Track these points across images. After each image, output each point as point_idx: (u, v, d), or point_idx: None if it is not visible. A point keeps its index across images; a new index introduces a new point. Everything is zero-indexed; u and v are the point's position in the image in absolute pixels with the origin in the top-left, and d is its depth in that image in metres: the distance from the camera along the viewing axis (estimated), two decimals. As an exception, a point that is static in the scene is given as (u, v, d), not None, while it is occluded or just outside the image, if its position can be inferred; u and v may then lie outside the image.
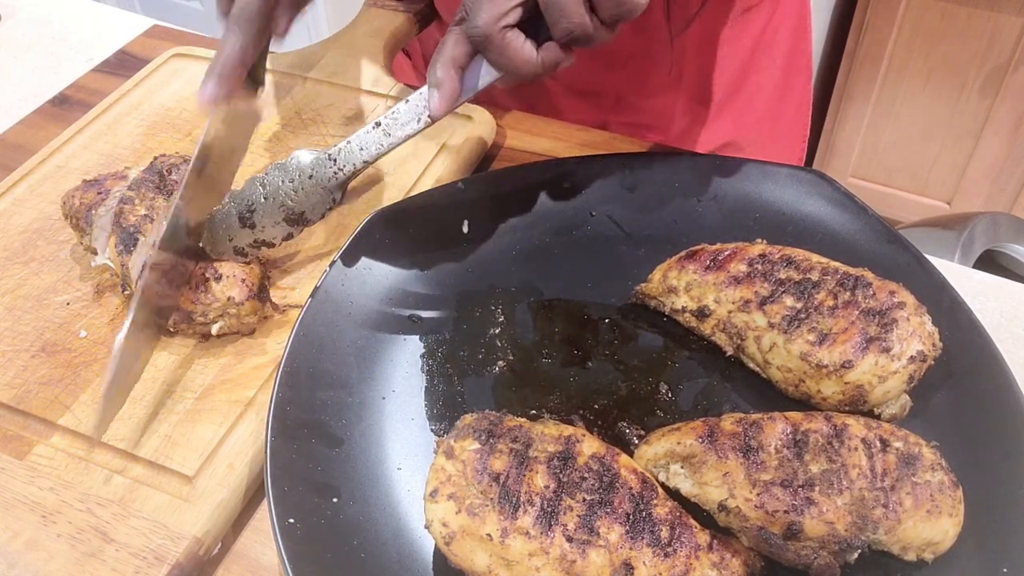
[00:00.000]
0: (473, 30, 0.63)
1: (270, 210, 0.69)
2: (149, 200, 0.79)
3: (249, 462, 0.67)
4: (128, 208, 0.78)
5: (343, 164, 0.69)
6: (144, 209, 0.78)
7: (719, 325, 0.72)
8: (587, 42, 0.62)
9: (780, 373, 0.69)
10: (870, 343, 0.64)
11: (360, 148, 0.69)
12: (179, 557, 0.62)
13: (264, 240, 0.71)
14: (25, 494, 0.66)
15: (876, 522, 0.56)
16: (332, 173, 0.69)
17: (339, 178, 0.69)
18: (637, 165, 0.85)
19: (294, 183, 0.69)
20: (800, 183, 0.82)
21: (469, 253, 0.81)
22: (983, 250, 1.98)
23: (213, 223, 0.70)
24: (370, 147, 0.69)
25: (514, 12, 0.62)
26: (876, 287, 0.67)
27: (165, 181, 0.80)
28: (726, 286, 0.71)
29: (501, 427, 0.60)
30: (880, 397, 0.64)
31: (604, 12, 0.60)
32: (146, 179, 0.81)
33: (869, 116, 2.55)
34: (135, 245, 0.75)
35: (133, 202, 0.78)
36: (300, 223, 0.71)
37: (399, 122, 0.69)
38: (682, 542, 0.56)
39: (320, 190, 0.69)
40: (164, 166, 0.82)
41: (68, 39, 1.20)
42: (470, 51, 0.65)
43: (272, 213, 0.69)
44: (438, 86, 0.66)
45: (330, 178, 0.69)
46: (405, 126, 0.69)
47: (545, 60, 0.63)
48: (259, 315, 0.76)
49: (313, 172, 0.68)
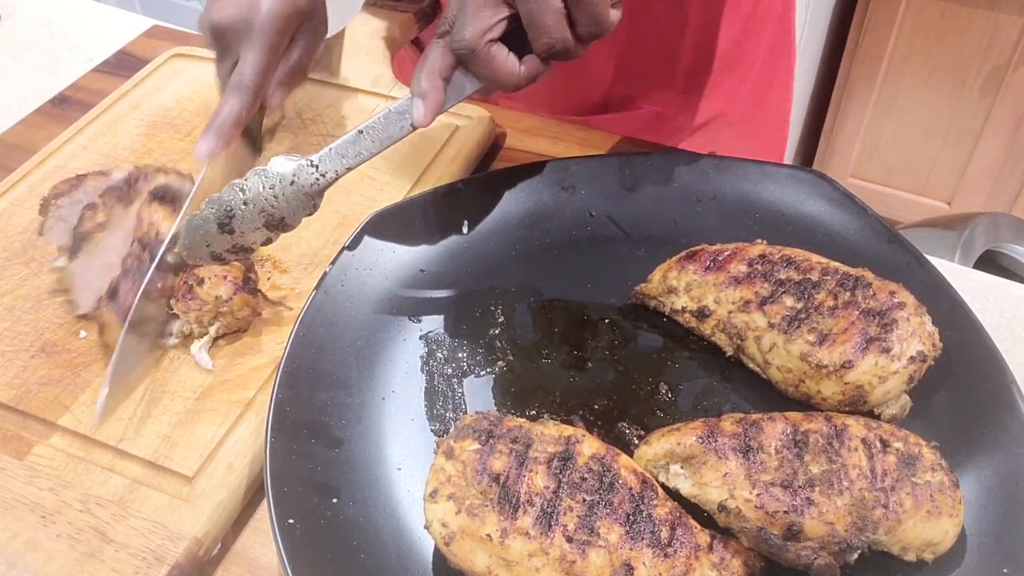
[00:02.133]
0: (458, 43, 0.65)
1: (250, 216, 0.69)
2: (109, 209, 0.79)
3: (249, 462, 0.67)
4: (89, 214, 0.79)
5: (325, 171, 0.69)
6: (103, 216, 0.79)
7: (719, 325, 0.72)
8: (566, 57, 0.65)
9: (780, 373, 0.69)
10: (870, 343, 0.64)
11: (342, 155, 0.70)
12: (179, 557, 0.62)
13: (243, 245, 0.71)
14: (24, 494, 0.66)
15: (876, 522, 0.56)
16: (314, 179, 0.69)
17: (320, 184, 0.70)
18: (637, 165, 0.85)
19: (275, 189, 0.69)
20: (800, 183, 0.82)
21: (469, 253, 0.81)
22: (983, 250, 1.98)
23: (190, 229, 0.70)
24: (352, 154, 0.70)
25: (498, 27, 0.64)
26: (876, 287, 0.67)
27: (131, 190, 0.81)
28: (726, 286, 0.71)
29: (501, 427, 0.60)
30: (880, 397, 0.64)
31: (582, 29, 0.63)
32: (115, 187, 0.81)
33: (869, 116, 2.55)
34: (81, 252, 0.76)
35: (96, 208, 0.79)
36: (280, 228, 0.71)
37: (382, 129, 0.70)
38: (682, 542, 0.56)
39: (302, 196, 0.70)
40: (138, 175, 0.83)
41: (68, 39, 1.20)
42: (454, 63, 0.67)
43: (252, 219, 0.70)
44: (423, 96, 0.68)
45: (312, 184, 0.69)
46: (388, 133, 0.70)
47: (526, 73, 0.66)
48: (252, 308, 0.76)
49: (295, 178, 0.69)
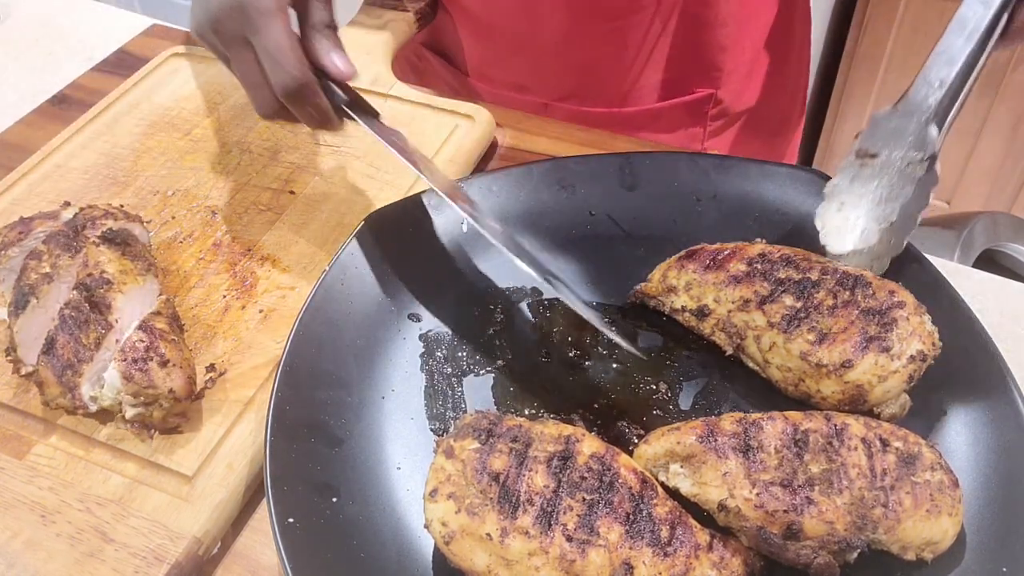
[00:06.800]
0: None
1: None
2: (55, 257, 0.73)
3: (248, 462, 0.67)
4: (33, 264, 0.73)
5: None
6: (48, 267, 0.72)
7: (719, 324, 0.72)
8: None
9: (780, 372, 0.69)
10: (870, 342, 0.64)
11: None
12: (178, 557, 0.62)
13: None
14: (24, 494, 0.66)
15: (876, 522, 0.56)
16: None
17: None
18: (637, 165, 0.85)
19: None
20: (800, 183, 0.82)
21: (469, 253, 0.81)
22: (983, 249, 1.97)
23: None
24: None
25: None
26: (875, 286, 0.67)
27: (78, 237, 0.75)
28: (725, 285, 0.71)
29: (501, 427, 0.60)
30: (880, 396, 0.64)
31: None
32: (61, 232, 0.75)
33: (868, 115, 2.54)
34: (25, 307, 0.70)
35: (40, 257, 0.73)
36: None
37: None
38: (682, 542, 0.56)
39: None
40: (85, 220, 0.77)
41: (67, 38, 1.20)
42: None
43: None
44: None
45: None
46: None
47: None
48: (179, 414, 0.70)
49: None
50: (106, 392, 0.67)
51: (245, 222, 0.87)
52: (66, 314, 0.68)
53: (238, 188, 0.91)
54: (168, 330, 0.70)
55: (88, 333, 0.68)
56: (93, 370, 0.67)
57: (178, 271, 0.83)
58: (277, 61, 0.69)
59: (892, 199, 0.68)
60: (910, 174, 0.68)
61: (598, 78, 1.08)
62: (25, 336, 0.70)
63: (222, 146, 0.96)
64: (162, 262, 0.83)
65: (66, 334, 0.67)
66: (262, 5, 0.68)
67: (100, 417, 0.69)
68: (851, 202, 0.69)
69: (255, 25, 0.68)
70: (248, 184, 0.91)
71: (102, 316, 0.69)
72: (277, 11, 0.69)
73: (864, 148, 0.70)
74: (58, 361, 0.67)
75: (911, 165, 0.68)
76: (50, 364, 0.67)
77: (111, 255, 0.73)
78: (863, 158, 0.69)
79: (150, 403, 0.66)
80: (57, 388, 0.67)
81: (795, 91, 1.22)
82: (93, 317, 0.68)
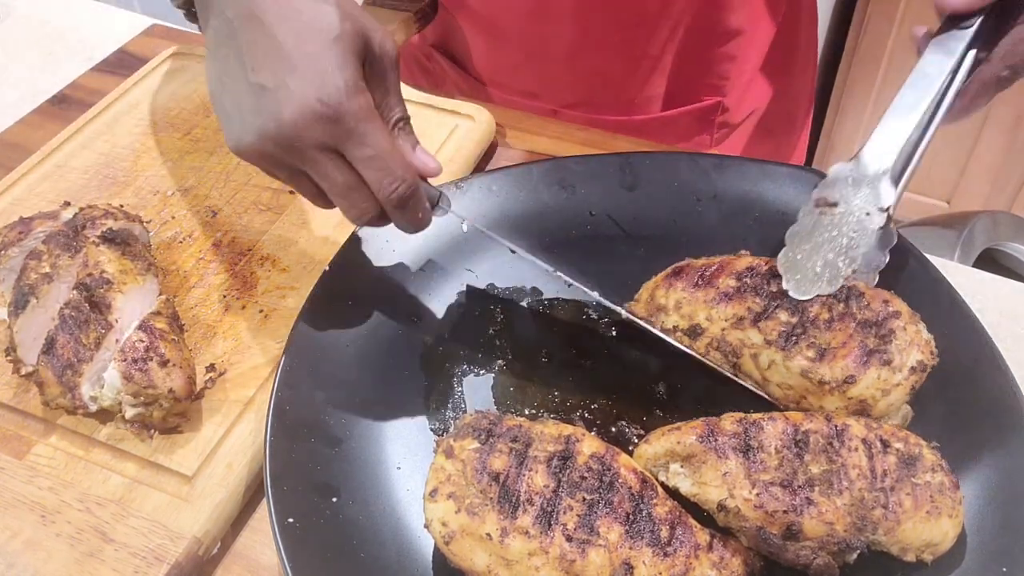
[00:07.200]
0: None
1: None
2: (55, 258, 0.73)
3: (248, 462, 0.67)
4: (33, 264, 0.72)
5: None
6: (48, 267, 0.72)
7: (713, 344, 0.70)
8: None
9: (780, 391, 0.67)
10: (871, 356, 0.63)
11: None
12: (178, 557, 0.62)
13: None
14: (24, 493, 0.66)
15: (875, 523, 0.56)
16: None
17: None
18: (637, 165, 0.85)
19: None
20: (800, 183, 0.81)
21: (469, 253, 0.81)
22: (983, 249, 1.97)
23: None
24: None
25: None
26: (869, 296, 0.66)
27: (78, 237, 0.75)
28: (717, 303, 0.70)
29: (501, 427, 0.60)
30: (883, 410, 0.63)
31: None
32: (61, 232, 0.75)
33: (869, 115, 2.54)
34: (25, 307, 0.70)
35: (40, 257, 0.73)
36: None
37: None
38: (682, 542, 0.56)
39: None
40: (84, 220, 0.77)
41: (67, 38, 1.20)
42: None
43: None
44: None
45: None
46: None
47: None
48: (179, 415, 0.70)
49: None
50: (106, 392, 0.67)
51: (245, 222, 0.87)
52: (66, 314, 0.69)
53: (238, 188, 0.91)
54: (168, 330, 0.70)
55: (88, 333, 0.68)
56: (93, 370, 0.67)
57: (178, 271, 0.83)
58: (386, 168, 0.64)
59: (853, 248, 0.68)
60: (868, 226, 0.68)
61: (607, 86, 1.09)
62: (25, 336, 0.70)
63: (222, 146, 0.96)
64: (162, 262, 0.83)
65: (66, 334, 0.68)
66: (359, 111, 0.62)
67: (100, 417, 0.70)
68: (812, 250, 0.70)
69: (353, 132, 0.62)
70: (248, 184, 0.91)
71: (102, 316, 0.69)
72: (374, 115, 0.63)
73: (823, 197, 0.71)
74: (58, 361, 0.67)
75: (871, 216, 0.68)
76: (50, 364, 0.67)
77: (111, 255, 0.74)
78: (823, 207, 0.71)
79: (150, 403, 0.67)
80: (57, 388, 0.67)
81: (802, 92, 1.22)
82: (93, 317, 0.68)
